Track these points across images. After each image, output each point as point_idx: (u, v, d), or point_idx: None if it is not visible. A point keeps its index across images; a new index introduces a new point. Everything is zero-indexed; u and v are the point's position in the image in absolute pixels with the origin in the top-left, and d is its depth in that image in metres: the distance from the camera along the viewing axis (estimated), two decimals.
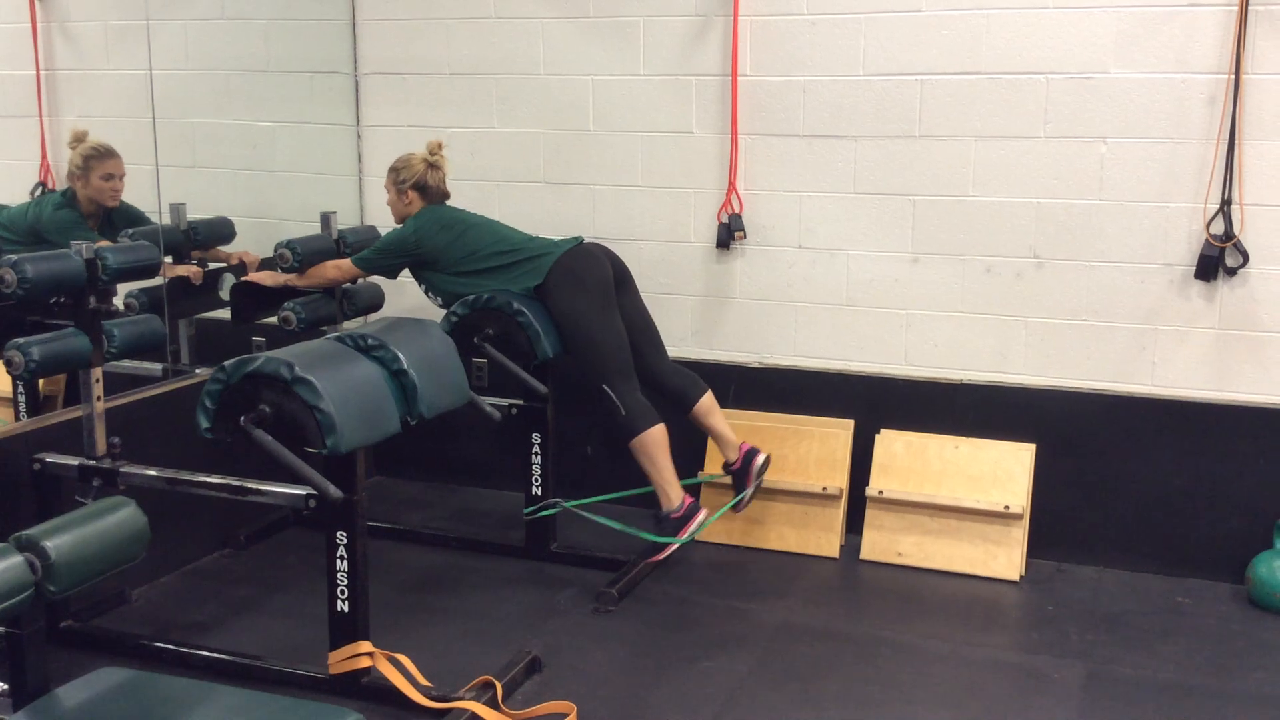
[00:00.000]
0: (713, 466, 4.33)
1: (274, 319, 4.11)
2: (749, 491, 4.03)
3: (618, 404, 3.82)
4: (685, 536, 3.87)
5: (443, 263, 3.94)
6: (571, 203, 4.52)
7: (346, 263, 4.08)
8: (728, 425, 4.09)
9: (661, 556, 3.93)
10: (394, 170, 4.07)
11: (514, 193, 4.60)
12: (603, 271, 3.91)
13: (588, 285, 3.86)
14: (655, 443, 3.85)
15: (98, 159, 4.05)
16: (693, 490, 4.22)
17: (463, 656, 3.39)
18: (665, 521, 3.87)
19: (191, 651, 3.37)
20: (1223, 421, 3.88)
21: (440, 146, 4.07)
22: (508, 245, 3.95)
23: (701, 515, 3.91)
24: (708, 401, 4.06)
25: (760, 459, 4.02)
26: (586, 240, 4.09)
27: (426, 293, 4.06)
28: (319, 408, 2.92)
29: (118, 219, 4.11)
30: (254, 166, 4.84)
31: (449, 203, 4.12)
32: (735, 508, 4.05)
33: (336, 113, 4.78)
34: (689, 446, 4.38)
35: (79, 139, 4.07)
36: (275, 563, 4.11)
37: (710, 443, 4.28)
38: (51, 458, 3.39)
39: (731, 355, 4.42)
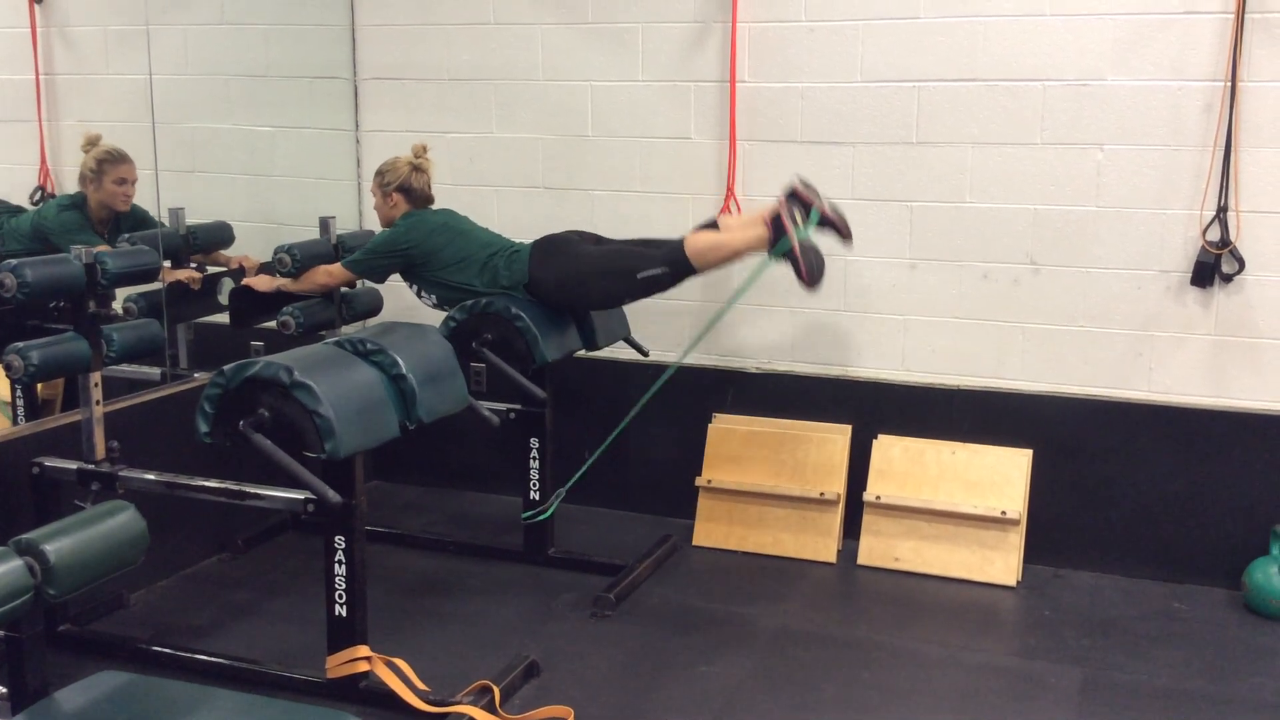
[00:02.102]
0: (711, 469, 4.33)
1: (273, 324, 4.12)
2: (819, 203, 3.57)
3: (657, 272, 3.65)
4: (795, 228, 3.50)
5: (432, 266, 3.95)
6: (570, 208, 4.53)
7: (337, 267, 4.08)
8: (751, 211, 3.83)
9: (803, 262, 3.47)
10: (379, 174, 4.08)
11: (512, 198, 4.61)
12: (568, 237, 3.92)
13: (560, 248, 3.86)
14: (701, 240, 3.63)
15: (111, 163, 4.06)
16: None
17: (460, 661, 3.40)
18: (773, 244, 3.53)
19: (190, 655, 3.38)
20: (1219, 427, 3.89)
21: (425, 149, 4.08)
22: (494, 251, 3.95)
23: (788, 208, 3.53)
24: (723, 216, 3.85)
25: (796, 181, 3.64)
26: None
27: (418, 294, 4.06)
28: (318, 412, 2.93)
29: (126, 223, 4.12)
30: (253, 171, 4.85)
31: (435, 206, 4.12)
32: (835, 226, 3.61)
33: (335, 118, 4.79)
34: (690, 448, 4.39)
35: (92, 143, 4.08)
36: (273, 567, 4.11)
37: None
38: (50, 462, 3.39)
39: (729, 361, 4.43)
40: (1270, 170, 3.75)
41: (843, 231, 3.63)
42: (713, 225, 3.80)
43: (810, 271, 3.49)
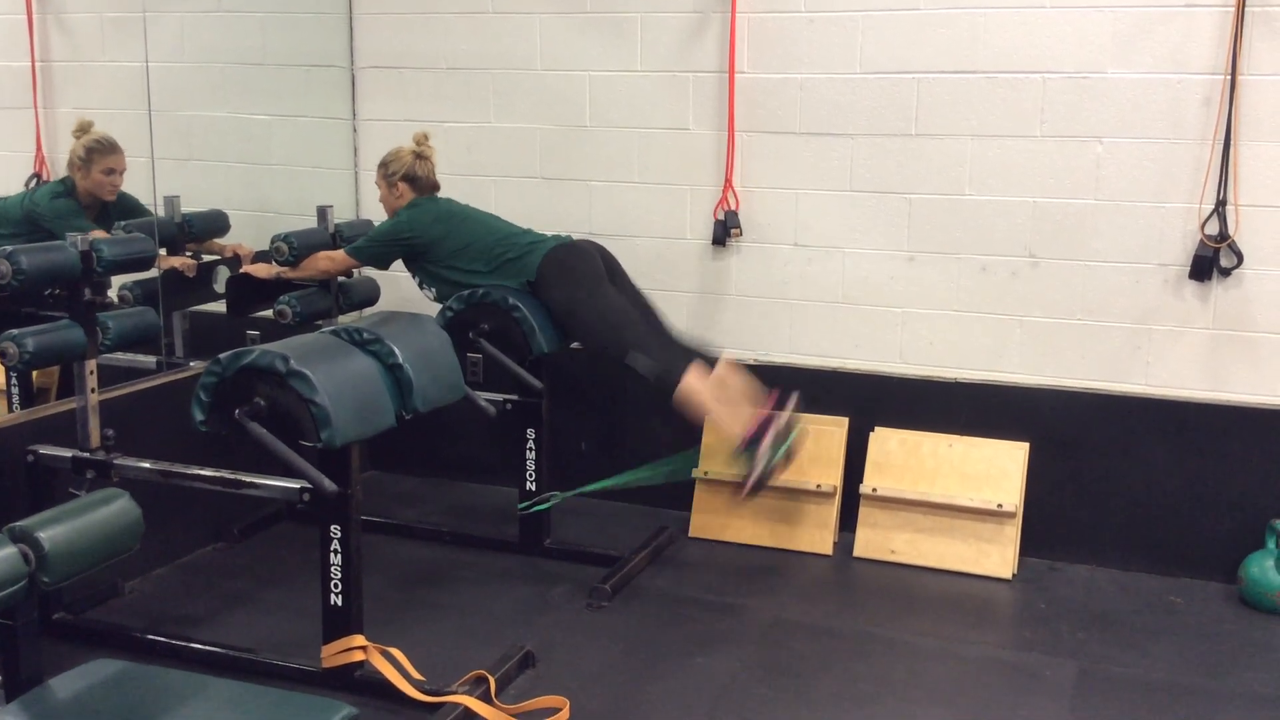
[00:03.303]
0: (707, 461, 4.33)
1: (269, 312, 4.11)
2: (795, 432, 3.70)
3: (645, 369, 3.68)
4: (767, 450, 3.60)
5: (436, 254, 3.94)
6: (567, 198, 4.52)
7: (339, 253, 4.07)
8: (751, 382, 3.85)
9: (753, 481, 3.61)
10: (383, 164, 4.07)
11: (510, 188, 4.60)
12: (593, 261, 3.91)
13: (579, 273, 3.85)
14: (695, 389, 3.64)
15: (100, 153, 4.04)
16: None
17: (456, 651, 3.39)
18: (740, 449, 3.64)
19: (184, 644, 3.37)
20: (1216, 421, 3.89)
21: (427, 138, 4.07)
22: (500, 238, 3.95)
23: (775, 428, 3.64)
24: (726, 365, 3.86)
25: (795, 397, 3.76)
26: (576, 238, 4.09)
27: (420, 285, 4.05)
28: (314, 401, 2.92)
29: (115, 210, 4.10)
30: (250, 160, 4.83)
31: (440, 194, 4.12)
32: (788, 455, 3.71)
33: (333, 106, 4.77)
34: (687, 440, 4.39)
35: (83, 129, 4.05)
36: (269, 556, 4.11)
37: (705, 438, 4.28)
38: (45, 449, 3.39)
39: (727, 352, 4.42)
40: (1270, 164, 3.74)
41: (789, 460, 3.71)
42: (713, 361, 3.80)
43: (753, 488, 3.62)
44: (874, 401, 4.23)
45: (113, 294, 3.86)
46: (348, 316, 4.35)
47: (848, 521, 4.20)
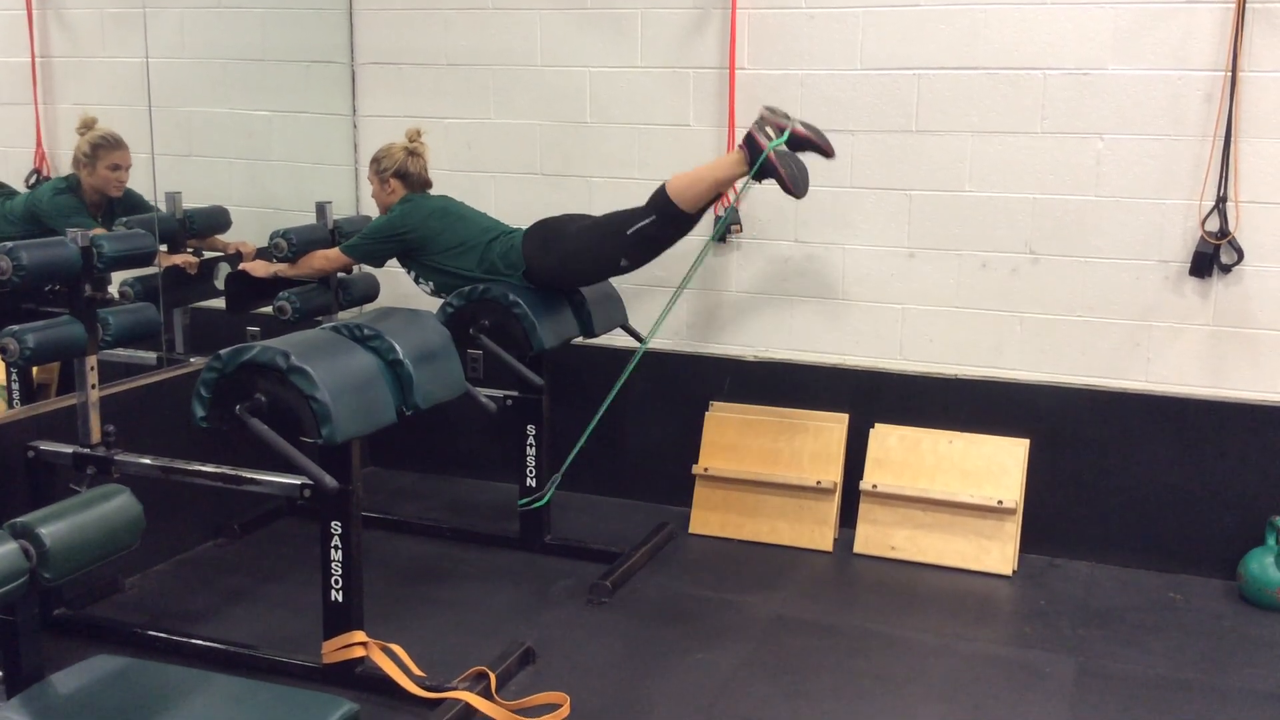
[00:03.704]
0: (708, 457, 4.33)
1: (269, 309, 4.11)
2: (793, 122, 3.56)
3: (645, 223, 3.66)
4: (770, 141, 3.50)
5: (430, 250, 3.94)
6: (568, 195, 4.51)
7: (334, 251, 4.07)
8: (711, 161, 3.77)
9: (783, 169, 3.47)
10: (375, 160, 4.07)
11: (510, 184, 4.60)
12: (560, 219, 3.92)
13: (553, 229, 3.86)
14: (679, 178, 3.62)
15: (106, 149, 4.03)
16: None
17: (456, 647, 3.40)
18: (750, 163, 3.53)
19: (185, 640, 3.37)
20: (1216, 418, 3.89)
21: (420, 134, 4.07)
22: (491, 236, 3.94)
23: (761, 130, 3.53)
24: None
25: (761, 108, 3.62)
26: None
27: (416, 279, 4.05)
28: (314, 397, 2.92)
29: (120, 207, 4.10)
30: (250, 156, 4.83)
31: (432, 191, 4.11)
32: (813, 143, 3.57)
33: (333, 102, 4.77)
34: (687, 436, 4.39)
35: (88, 125, 4.05)
36: (269, 552, 4.11)
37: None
38: (46, 446, 3.39)
39: (727, 348, 4.43)
40: (1270, 161, 3.74)
41: (823, 148, 3.60)
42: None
43: (794, 179, 3.50)
44: (874, 398, 4.23)
45: (113, 290, 3.86)
46: (348, 313, 4.35)
47: (848, 518, 4.20)
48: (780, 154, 3.50)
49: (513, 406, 4.07)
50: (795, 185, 3.51)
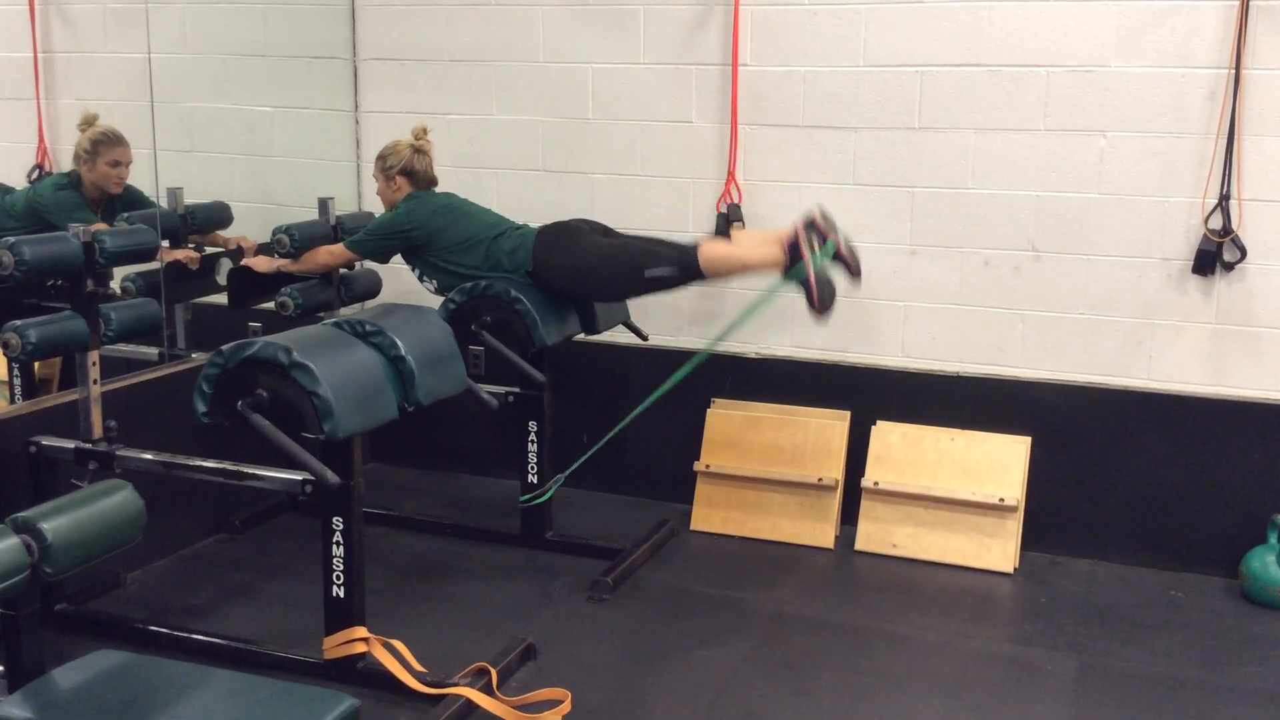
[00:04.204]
0: (709, 454, 4.33)
1: (271, 304, 4.11)
2: (834, 236, 3.55)
3: (665, 273, 3.65)
4: (809, 257, 3.51)
5: (435, 247, 3.94)
6: (570, 191, 4.51)
7: (339, 247, 4.07)
8: (761, 233, 3.81)
9: (815, 292, 3.50)
10: (381, 158, 4.07)
11: (513, 180, 4.60)
12: (578, 226, 3.91)
13: (568, 237, 3.84)
14: (715, 249, 3.62)
15: (106, 145, 4.03)
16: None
17: (458, 643, 3.40)
18: (788, 268, 3.55)
19: (186, 635, 3.38)
20: (1218, 416, 3.89)
21: (425, 131, 4.06)
22: (498, 233, 3.95)
23: (803, 235, 3.53)
24: (735, 231, 3.80)
25: (815, 210, 3.60)
26: None
27: (420, 278, 4.05)
28: (316, 393, 2.92)
29: (120, 203, 4.10)
30: (252, 151, 4.83)
31: (439, 188, 4.12)
32: (847, 264, 3.58)
33: (335, 98, 4.77)
34: (688, 433, 4.39)
35: (89, 122, 4.05)
36: (271, 548, 4.11)
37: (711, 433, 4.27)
38: (48, 441, 3.39)
39: (728, 346, 4.41)
40: (1273, 159, 3.74)
41: (854, 270, 3.61)
42: (725, 236, 3.78)
43: (822, 300, 3.52)
44: (876, 395, 4.23)
45: (115, 285, 3.87)
46: (350, 309, 4.35)
47: (849, 515, 4.20)
48: (817, 270, 3.51)
49: (514, 403, 4.07)
50: (822, 306, 3.53)
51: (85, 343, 3.27)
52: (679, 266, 3.63)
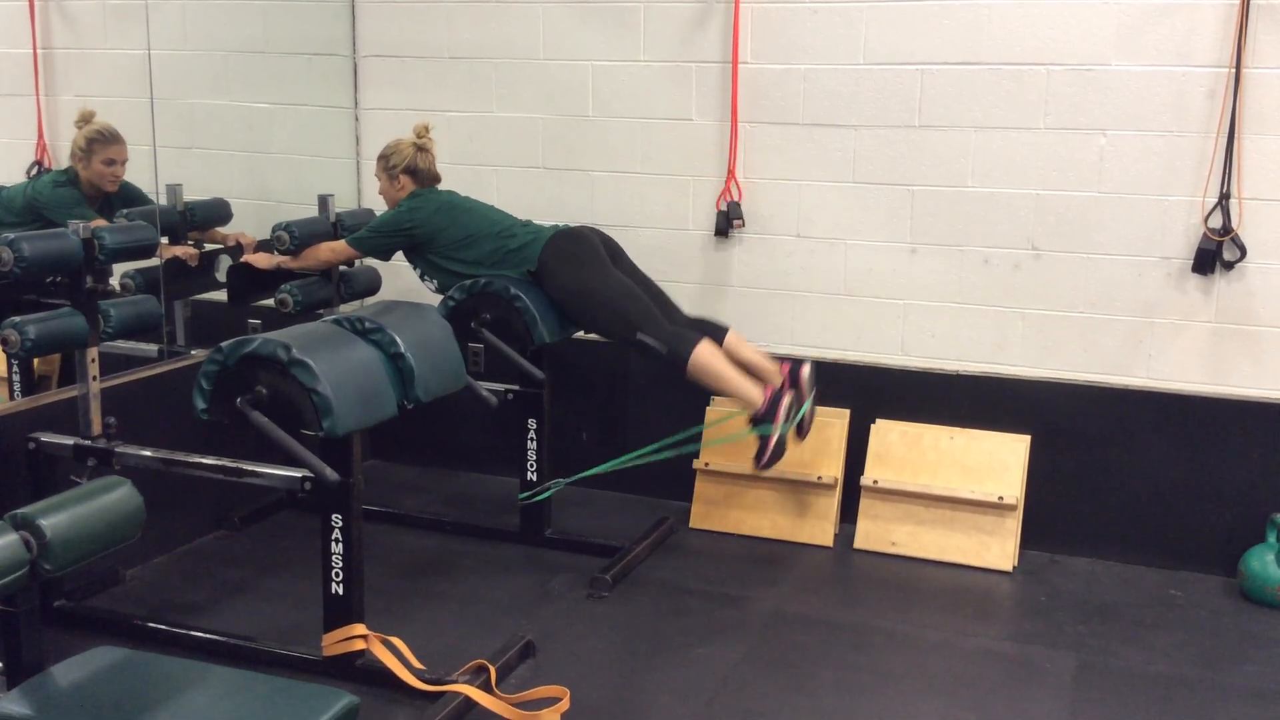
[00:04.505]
0: (708, 452, 4.33)
1: (271, 301, 4.11)
2: (808, 403, 3.82)
3: (655, 346, 3.72)
4: (782, 421, 3.70)
5: (437, 245, 3.94)
6: (570, 189, 4.51)
7: (341, 244, 4.07)
8: (760, 355, 3.93)
9: (769, 455, 3.74)
10: (383, 157, 4.07)
11: (512, 178, 4.60)
12: (594, 247, 3.91)
13: (581, 257, 3.85)
14: (708, 357, 3.70)
15: (101, 143, 4.03)
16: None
17: (457, 640, 3.40)
18: (758, 422, 3.73)
19: (185, 632, 3.38)
20: (1218, 415, 3.89)
21: (427, 129, 4.06)
22: (502, 229, 3.95)
23: (789, 397, 3.73)
24: (734, 338, 3.92)
25: (806, 369, 3.84)
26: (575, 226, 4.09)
27: (421, 277, 4.05)
28: (316, 390, 2.92)
29: (117, 201, 4.10)
30: (251, 148, 4.83)
31: (441, 186, 4.12)
32: (799, 428, 3.83)
33: (335, 95, 4.76)
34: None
35: (85, 119, 4.04)
36: (270, 545, 4.11)
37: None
38: (47, 437, 3.39)
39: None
40: (1274, 158, 3.73)
41: (802, 434, 3.87)
42: (724, 330, 3.91)
43: (769, 462, 3.76)
44: (875, 393, 4.23)
45: (114, 282, 3.86)
46: (349, 305, 4.35)
47: (848, 513, 4.20)
48: (780, 436, 3.71)
49: (514, 400, 4.07)
50: (765, 466, 3.78)
51: (84, 339, 3.27)
52: (668, 353, 3.72)
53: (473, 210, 4.02)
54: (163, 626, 3.41)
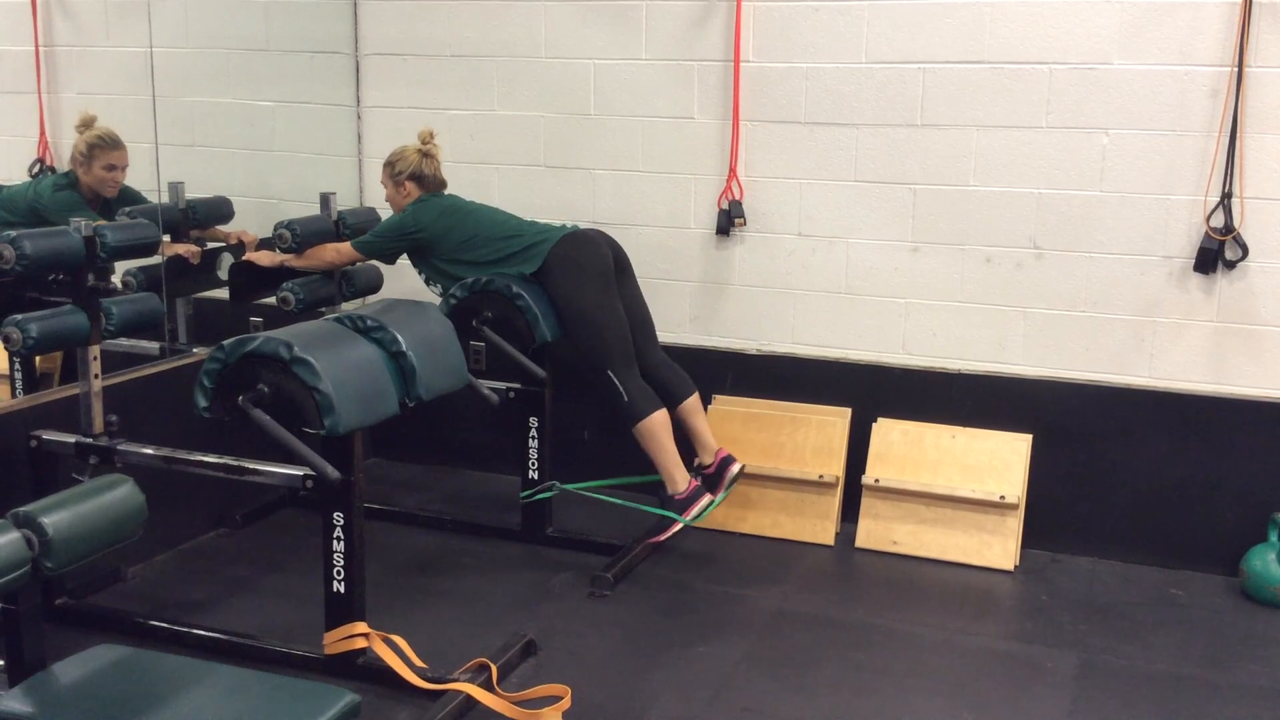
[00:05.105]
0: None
1: (272, 299, 4.11)
2: (718, 499, 4.01)
3: (621, 390, 3.84)
4: (690, 517, 3.88)
5: (442, 248, 3.94)
6: (571, 187, 4.51)
7: (346, 246, 4.08)
8: (708, 430, 4.10)
9: (665, 536, 3.95)
10: (389, 164, 4.07)
11: (514, 176, 4.60)
12: (602, 258, 3.92)
13: (588, 271, 3.86)
14: (659, 426, 3.86)
15: (102, 149, 4.03)
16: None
17: (458, 639, 3.40)
18: (670, 502, 3.89)
19: (187, 630, 3.38)
20: (1219, 414, 3.89)
21: (432, 135, 4.07)
22: (507, 231, 3.96)
23: (706, 499, 3.90)
24: (693, 402, 4.07)
25: (735, 468, 4.02)
26: (584, 226, 4.09)
27: (426, 281, 4.06)
28: (317, 388, 2.92)
29: (117, 206, 4.10)
30: (253, 146, 4.83)
31: (446, 190, 4.12)
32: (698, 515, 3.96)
33: (336, 93, 4.76)
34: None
35: (86, 124, 4.05)
36: (271, 543, 4.11)
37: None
38: (49, 435, 3.39)
39: (729, 342, 4.42)
40: (1276, 157, 3.73)
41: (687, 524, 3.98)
42: (689, 392, 4.06)
43: (662, 539, 3.95)
44: (877, 392, 4.23)
45: (116, 280, 3.86)
46: (351, 304, 4.35)
47: (850, 512, 4.20)
48: (688, 522, 3.91)
49: (515, 399, 4.07)
50: (660, 541, 3.96)
51: (86, 337, 3.27)
52: (628, 401, 3.84)
53: (476, 213, 4.02)
54: (164, 624, 3.41)
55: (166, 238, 4.14)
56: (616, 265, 3.97)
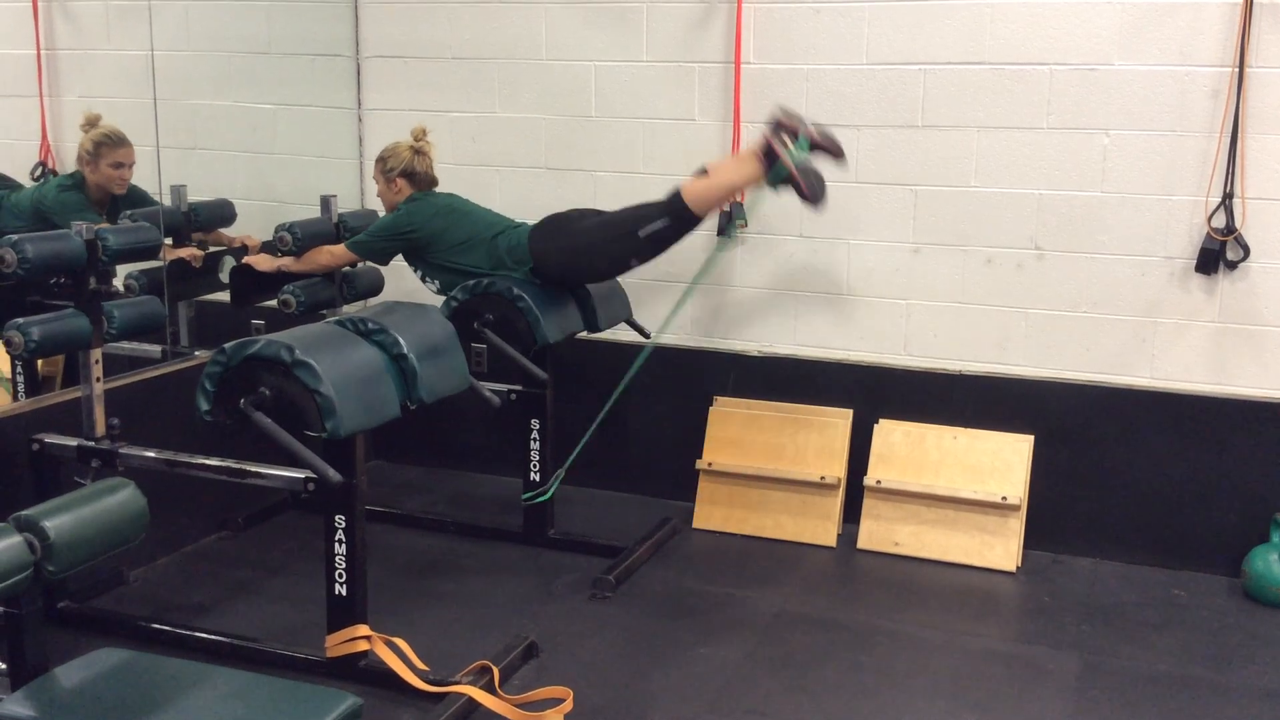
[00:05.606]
0: (711, 452, 4.33)
1: (274, 302, 4.11)
2: (804, 125, 3.56)
3: (659, 228, 3.65)
4: (787, 151, 3.52)
5: (437, 248, 3.94)
6: (573, 189, 4.51)
7: (340, 248, 4.07)
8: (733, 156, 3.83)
9: (804, 182, 3.51)
10: (381, 160, 4.07)
11: (515, 178, 4.60)
12: (567, 214, 3.92)
13: (561, 224, 3.86)
14: (695, 185, 3.62)
15: (109, 147, 4.03)
16: None
17: (460, 641, 3.40)
18: (767, 173, 3.56)
19: (189, 633, 3.38)
20: (1221, 415, 3.89)
21: (425, 132, 4.06)
22: (496, 232, 3.95)
23: (776, 138, 3.54)
24: (708, 162, 3.78)
25: (776, 112, 3.63)
26: None
27: (423, 279, 4.06)
28: (319, 391, 2.92)
29: (124, 204, 4.11)
30: (255, 149, 4.84)
31: (440, 188, 4.12)
32: (816, 144, 3.58)
33: (338, 96, 4.77)
34: (691, 431, 4.39)
35: (91, 123, 4.05)
36: (273, 546, 4.11)
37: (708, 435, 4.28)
38: (51, 438, 3.39)
39: (731, 344, 4.42)
40: (1277, 157, 3.73)
41: (834, 152, 3.62)
42: (704, 173, 3.75)
43: (812, 190, 3.54)
44: (878, 393, 4.23)
45: (118, 283, 3.87)
46: (352, 306, 4.35)
47: (852, 514, 4.20)
48: (798, 163, 3.52)
49: (517, 401, 4.07)
50: (813, 197, 3.54)
51: (88, 340, 3.28)
52: (669, 216, 3.64)
53: (471, 214, 4.02)
54: (166, 628, 3.41)
55: (168, 241, 4.14)
56: (587, 214, 3.96)
